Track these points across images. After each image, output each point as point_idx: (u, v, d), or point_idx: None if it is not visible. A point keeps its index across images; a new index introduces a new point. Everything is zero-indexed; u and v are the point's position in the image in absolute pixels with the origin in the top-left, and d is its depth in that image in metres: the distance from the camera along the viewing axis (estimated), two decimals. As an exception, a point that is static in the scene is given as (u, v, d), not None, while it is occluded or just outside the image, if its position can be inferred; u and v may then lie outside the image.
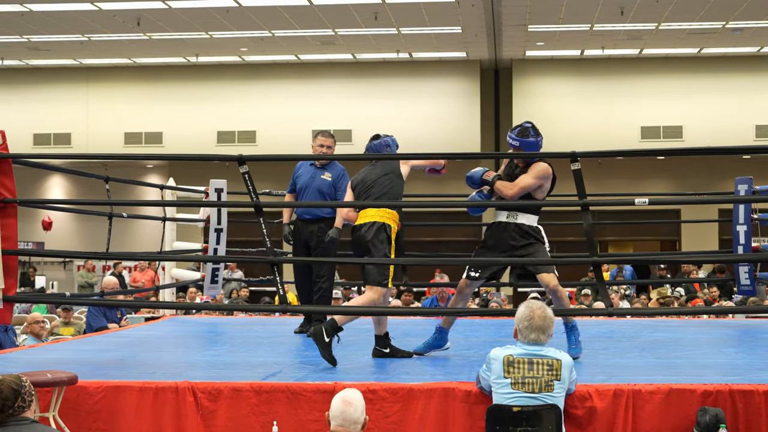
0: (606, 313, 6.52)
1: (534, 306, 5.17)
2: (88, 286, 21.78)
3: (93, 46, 21.85)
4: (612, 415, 5.50)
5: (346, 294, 17.35)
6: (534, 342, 5.07)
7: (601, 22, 19.49)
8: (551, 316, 5.15)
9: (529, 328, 5.08)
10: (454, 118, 23.15)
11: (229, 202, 10.25)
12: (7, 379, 4.51)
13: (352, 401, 4.58)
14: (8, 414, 4.44)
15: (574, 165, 6.39)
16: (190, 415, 5.73)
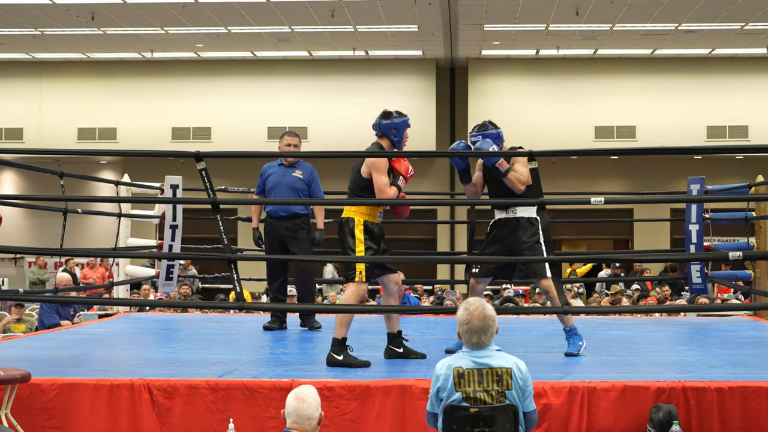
0: (562, 312, 6.55)
1: (471, 307, 4.77)
2: (40, 282, 21.60)
3: (46, 41, 21.64)
4: (567, 412, 5.55)
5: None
6: (477, 346, 4.73)
7: (556, 22, 19.60)
8: (492, 315, 4.77)
9: (469, 331, 4.72)
10: (410, 115, 22.42)
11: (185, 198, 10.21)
12: None
13: (305, 398, 4.57)
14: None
15: (531, 164, 6.42)
16: (145, 413, 5.71)
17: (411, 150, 7.49)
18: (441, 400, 4.77)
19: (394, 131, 6.98)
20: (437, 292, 17.11)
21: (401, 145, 7.01)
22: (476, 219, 10.54)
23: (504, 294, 15.90)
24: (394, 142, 6.98)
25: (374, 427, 5.61)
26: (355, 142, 21.55)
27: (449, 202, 20.89)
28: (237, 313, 11.09)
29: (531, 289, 17.49)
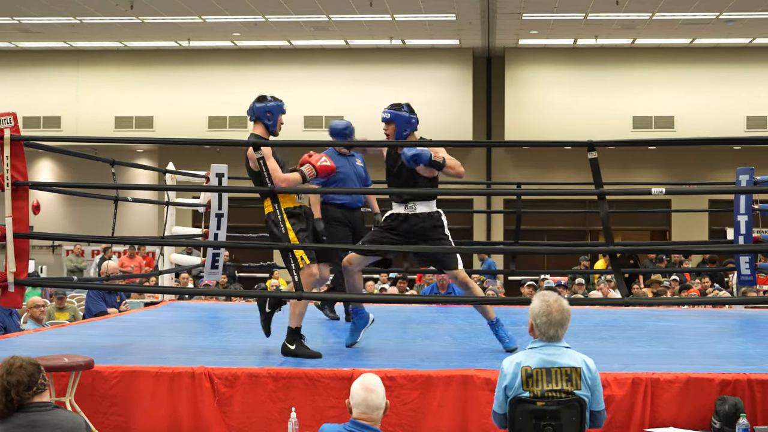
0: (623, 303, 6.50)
1: (550, 299, 4.72)
2: (78, 270, 21.71)
3: (84, 29, 21.71)
4: (630, 403, 5.52)
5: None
6: (552, 339, 4.68)
7: (595, 11, 19.48)
8: (568, 308, 4.74)
9: (548, 323, 4.65)
10: (447, 105, 23.11)
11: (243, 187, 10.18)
12: (25, 357, 4.46)
13: (373, 387, 4.54)
14: (33, 392, 4.38)
15: (591, 154, 6.35)
16: (206, 401, 5.72)
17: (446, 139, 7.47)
18: (507, 398, 4.72)
19: (269, 115, 6.83)
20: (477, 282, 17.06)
21: (275, 129, 6.88)
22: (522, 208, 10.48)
23: (543, 285, 15.83)
24: (267, 126, 6.84)
25: (435, 417, 5.60)
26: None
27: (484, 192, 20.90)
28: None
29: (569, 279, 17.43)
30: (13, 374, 4.35)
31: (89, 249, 23.38)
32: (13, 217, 6.61)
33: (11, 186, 6.61)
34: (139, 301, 12.14)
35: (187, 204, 11.38)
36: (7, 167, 6.59)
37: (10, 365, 4.40)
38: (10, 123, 6.65)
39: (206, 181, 10.81)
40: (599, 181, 6.39)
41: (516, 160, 23.96)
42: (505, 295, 16.71)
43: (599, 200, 6.38)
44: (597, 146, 6.38)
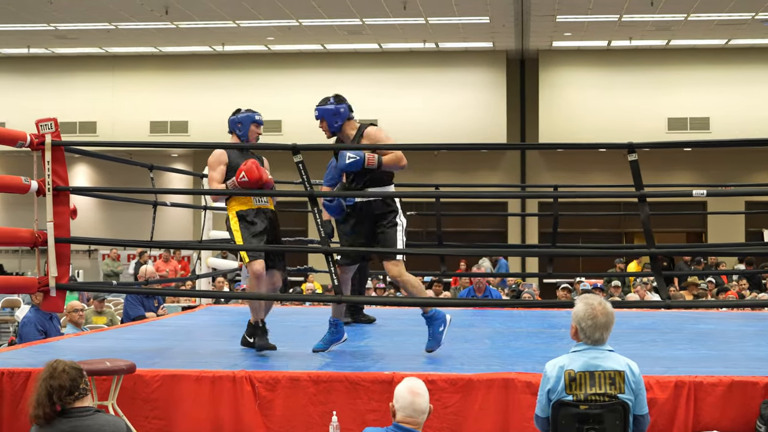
0: (665, 306, 6.46)
1: (594, 302, 4.71)
2: (114, 274, 21.82)
3: (120, 35, 21.86)
4: (673, 407, 5.47)
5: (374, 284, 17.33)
6: (597, 342, 4.67)
7: (630, 12, 19.40)
8: (612, 311, 4.74)
9: (593, 327, 4.65)
10: (480, 108, 23.09)
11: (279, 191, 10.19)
12: (68, 362, 4.48)
13: (420, 391, 4.54)
14: (75, 396, 4.40)
15: (631, 156, 6.31)
16: (247, 405, 5.72)
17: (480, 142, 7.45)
18: (550, 401, 4.70)
19: (239, 126, 7.09)
20: (512, 285, 17.02)
21: (246, 139, 7.08)
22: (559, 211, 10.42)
23: (579, 288, 15.76)
24: (239, 136, 7.09)
25: (477, 420, 5.57)
26: (425, 134, 21.69)
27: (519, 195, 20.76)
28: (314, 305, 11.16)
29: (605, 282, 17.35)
30: (56, 378, 4.38)
31: (125, 253, 23.50)
32: (54, 221, 6.66)
33: (53, 191, 6.64)
34: (176, 305, 12.19)
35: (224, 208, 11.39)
36: (48, 172, 6.63)
37: (53, 369, 4.42)
38: (51, 128, 6.69)
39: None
40: (640, 183, 6.34)
41: (550, 162, 23.90)
42: (541, 297, 16.63)
43: (640, 202, 6.33)
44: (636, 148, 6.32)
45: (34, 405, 4.39)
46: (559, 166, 23.47)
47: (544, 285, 20.30)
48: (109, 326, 11.46)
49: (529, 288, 15.21)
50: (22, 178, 6.69)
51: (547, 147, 24.48)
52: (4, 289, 10.63)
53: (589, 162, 23.05)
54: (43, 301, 6.85)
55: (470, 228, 23.26)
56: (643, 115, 22.51)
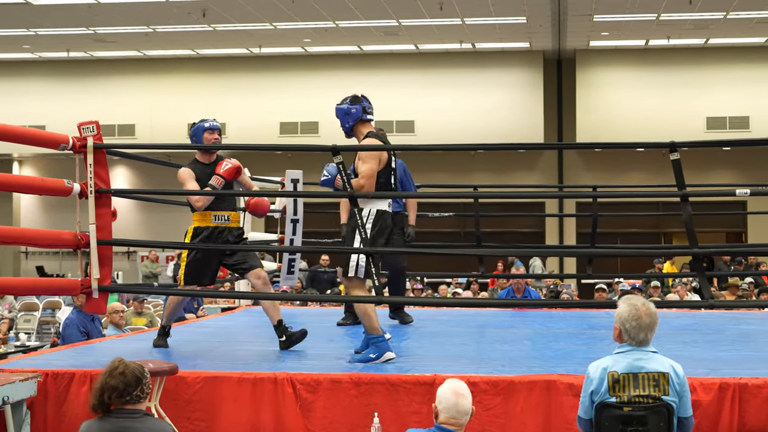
0: (707, 306, 6.40)
1: (638, 303, 4.69)
2: (153, 276, 21.94)
3: (158, 38, 21.98)
4: (717, 409, 5.41)
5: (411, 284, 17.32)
6: (641, 343, 4.64)
7: (668, 11, 19.28)
8: (656, 312, 4.71)
9: (638, 328, 4.62)
10: (517, 108, 23.04)
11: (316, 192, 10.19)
12: (132, 365, 4.55)
13: (463, 392, 4.54)
14: (125, 400, 4.46)
15: (673, 155, 6.26)
16: (288, 406, 5.72)
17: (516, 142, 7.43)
18: (593, 403, 4.67)
19: (194, 138, 7.53)
20: (550, 286, 16.97)
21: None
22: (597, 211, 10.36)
23: (618, 288, 15.68)
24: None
25: (518, 422, 5.55)
26: (461, 135, 21.67)
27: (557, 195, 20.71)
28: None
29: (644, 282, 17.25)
30: (113, 378, 4.47)
31: (163, 255, 23.63)
32: (97, 224, 6.69)
33: (95, 193, 6.68)
34: (215, 307, 12.23)
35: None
36: (90, 175, 6.67)
37: (113, 368, 4.52)
38: (93, 131, 6.73)
39: (281, 187, 10.86)
40: (682, 183, 6.28)
41: (587, 162, 23.80)
42: (580, 298, 16.55)
43: (682, 202, 6.28)
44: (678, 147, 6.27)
45: (92, 394, 4.55)
46: (597, 166, 23.37)
47: (583, 286, 20.20)
48: (149, 327, 11.53)
49: (567, 289, 15.15)
50: (65, 180, 6.73)
51: (585, 146, 24.40)
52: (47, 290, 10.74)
53: (627, 162, 22.95)
54: (86, 302, 6.90)
55: (508, 228, 23.21)
56: (681, 114, 22.37)
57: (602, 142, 21.20)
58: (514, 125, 22.55)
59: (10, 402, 5.43)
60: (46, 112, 23.56)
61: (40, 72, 24.89)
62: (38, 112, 23.55)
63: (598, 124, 22.47)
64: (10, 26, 20.92)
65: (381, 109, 23.38)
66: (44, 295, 15.96)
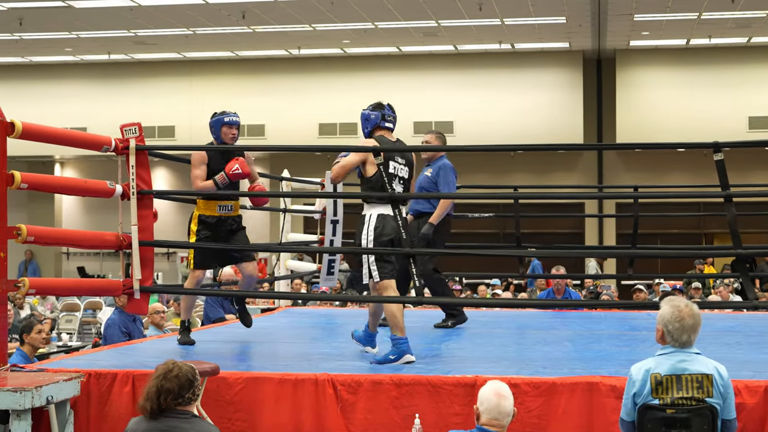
0: (751, 307, 6.34)
1: (681, 304, 4.67)
2: (192, 277, 22.00)
3: (197, 40, 22.09)
4: (763, 412, 5.35)
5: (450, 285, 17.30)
6: (684, 345, 4.62)
7: (709, 10, 19.11)
8: (699, 313, 4.70)
9: (681, 329, 4.60)
10: (556, 109, 22.95)
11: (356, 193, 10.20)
12: (185, 367, 4.59)
13: (505, 393, 4.55)
14: (178, 402, 4.51)
15: (717, 155, 6.21)
16: (329, 407, 5.73)
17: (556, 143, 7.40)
18: (636, 405, 4.64)
19: (212, 129, 7.75)
20: (590, 287, 16.88)
21: (221, 141, 7.63)
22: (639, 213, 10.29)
23: (659, 290, 15.58)
24: (215, 138, 7.70)
25: (560, 424, 5.52)
26: (500, 136, 21.62)
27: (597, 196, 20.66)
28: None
29: (684, 283, 17.14)
30: (168, 381, 4.54)
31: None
32: (139, 225, 6.74)
33: (137, 195, 6.73)
34: (255, 308, 12.26)
35: (302, 211, 11.47)
36: (132, 176, 6.72)
37: (168, 370, 4.57)
38: (135, 133, 6.78)
39: (321, 188, 10.90)
40: (726, 183, 6.23)
41: (627, 163, 23.67)
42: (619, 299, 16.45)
43: (726, 203, 6.23)
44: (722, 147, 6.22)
45: (144, 397, 4.59)
46: (637, 166, 23.23)
47: (623, 287, 20.08)
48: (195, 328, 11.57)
49: (607, 290, 15.06)
50: (107, 182, 6.78)
51: (625, 147, 24.18)
52: (89, 291, 10.86)
53: (668, 162, 22.80)
54: (128, 303, 6.95)
55: (547, 230, 23.14)
56: (723, 113, 22.17)
57: (642, 143, 21.04)
58: (553, 126, 22.45)
59: (54, 402, 5.47)
60: (87, 114, 23.74)
61: (82, 74, 25.09)
62: (80, 114, 23.75)
63: (638, 125, 22.33)
64: (53, 29, 21.10)
65: (420, 110, 23.58)
66: (85, 296, 16.10)
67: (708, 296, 15.19)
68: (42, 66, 25.16)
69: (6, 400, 5.27)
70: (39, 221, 24.34)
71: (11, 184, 6.09)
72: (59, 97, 24.58)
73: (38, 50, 23.51)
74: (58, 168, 27.10)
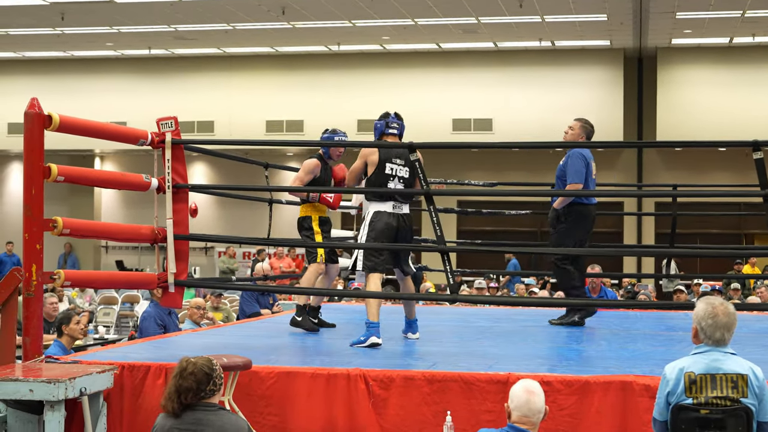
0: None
1: (715, 302, 4.61)
2: (230, 271, 22.13)
3: (237, 35, 22.16)
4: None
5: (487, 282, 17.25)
6: (718, 343, 4.55)
7: (753, 8, 18.90)
8: (734, 312, 4.61)
9: (714, 326, 4.53)
10: (596, 107, 22.78)
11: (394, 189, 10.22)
12: (200, 362, 4.61)
13: (535, 390, 4.52)
14: (200, 397, 4.53)
15: (756, 154, 6.14)
16: (361, 403, 5.72)
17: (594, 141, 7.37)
18: (669, 404, 4.58)
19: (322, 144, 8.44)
20: (627, 286, 16.77)
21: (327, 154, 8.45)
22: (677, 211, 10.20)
23: (699, 290, 15.44)
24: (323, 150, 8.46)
25: (594, 423, 5.48)
26: (540, 133, 21.48)
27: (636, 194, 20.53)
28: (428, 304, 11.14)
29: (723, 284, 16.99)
30: (185, 379, 4.58)
31: (240, 251, 23.82)
32: (174, 219, 6.76)
33: (172, 188, 6.75)
34: (291, 303, 12.28)
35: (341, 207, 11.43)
36: (168, 170, 6.74)
37: (182, 369, 4.60)
38: (171, 127, 6.80)
39: (358, 184, 10.87)
40: (765, 183, 6.16)
41: (667, 162, 23.50)
42: (657, 299, 16.35)
43: (765, 202, 6.15)
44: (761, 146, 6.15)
45: (166, 397, 4.64)
46: (678, 165, 23.06)
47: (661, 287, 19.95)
48: (224, 322, 11.61)
49: (644, 289, 14.95)
50: (143, 175, 6.81)
51: (665, 145, 24.08)
52: (125, 284, 10.90)
53: (708, 161, 22.61)
54: (162, 296, 6.97)
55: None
56: (765, 113, 21.92)
57: (681, 141, 20.90)
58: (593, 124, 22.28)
59: (88, 393, 5.50)
60: (127, 108, 23.88)
61: (122, 69, 25.24)
62: (120, 108, 23.89)
63: (679, 123, 22.15)
64: (94, 24, 21.25)
65: (459, 107, 23.52)
66: (123, 289, 16.19)
67: (747, 297, 15.03)
68: (83, 60, 25.35)
69: (40, 391, 5.31)
70: (79, 214, 24.53)
71: (48, 176, 6.13)
72: (99, 92, 24.74)
73: (79, 45, 23.70)
74: (98, 162, 27.27)
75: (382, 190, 7.24)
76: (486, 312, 10.57)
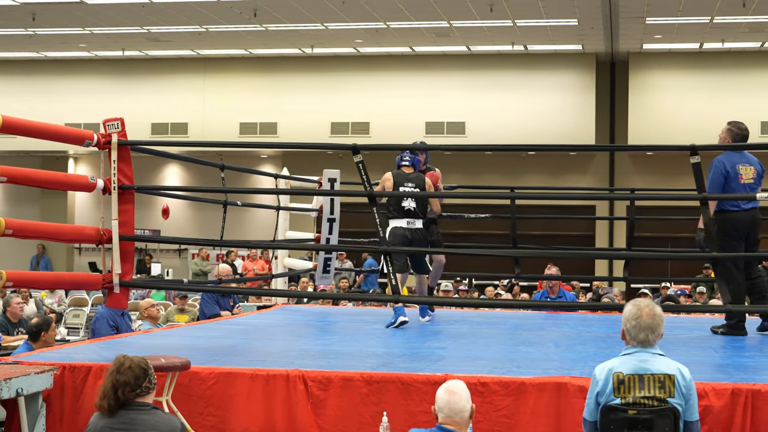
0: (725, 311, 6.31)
1: (641, 304, 4.71)
2: (203, 273, 22.11)
3: (210, 37, 22.14)
4: (729, 416, 5.34)
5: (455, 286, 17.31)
6: (643, 344, 4.64)
7: (721, 14, 19.00)
8: (660, 314, 4.69)
9: (638, 327, 4.63)
10: (569, 111, 22.89)
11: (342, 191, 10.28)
12: (135, 359, 4.66)
13: (455, 390, 4.55)
14: (136, 393, 4.56)
15: (693, 158, 6.21)
16: (300, 403, 5.76)
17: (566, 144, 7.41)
18: (599, 404, 4.64)
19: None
20: (595, 289, 16.84)
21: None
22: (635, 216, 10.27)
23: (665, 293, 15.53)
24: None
25: (528, 423, 5.52)
26: (512, 137, 21.57)
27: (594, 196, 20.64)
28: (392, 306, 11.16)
29: (692, 287, 17.09)
30: (122, 374, 4.61)
31: (214, 253, 23.81)
32: (120, 219, 6.77)
33: (118, 189, 6.76)
34: (252, 305, 12.31)
35: (299, 209, 11.48)
36: (114, 171, 6.75)
37: (120, 364, 4.63)
38: (118, 128, 6.82)
39: (319, 186, 10.92)
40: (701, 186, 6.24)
41: (639, 166, 23.59)
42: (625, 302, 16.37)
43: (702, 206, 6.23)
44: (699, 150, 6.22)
45: (101, 395, 4.66)
46: (649, 169, 23.14)
47: (631, 289, 20.03)
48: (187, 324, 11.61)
49: (609, 292, 15.01)
50: (89, 176, 6.83)
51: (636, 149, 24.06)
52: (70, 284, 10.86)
53: (680, 165, 22.56)
54: (107, 297, 6.98)
55: (558, 231, 23.04)
56: (735, 118, 21.75)
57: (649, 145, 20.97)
58: (565, 128, 22.38)
59: (24, 394, 5.50)
60: (100, 110, 23.49)
61: (95, 70, 25.18)
62: (93, 110, 23.68)
63: (650, 128, 22.23)
64: (66, 25, 21.18)
65: (432, 111, 23.58)
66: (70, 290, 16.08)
67: (711, 300, 15.13)
68: (56, 61, 25.28)
69: (-24, 392, 5.31)
70: (51, 216, 24.52)
71: (-11, 176, 6.13)
72: (72, 93, 24.68)
73: (52, 46, 23.64)
74: (71, 163, 27.17)
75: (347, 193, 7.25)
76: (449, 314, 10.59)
